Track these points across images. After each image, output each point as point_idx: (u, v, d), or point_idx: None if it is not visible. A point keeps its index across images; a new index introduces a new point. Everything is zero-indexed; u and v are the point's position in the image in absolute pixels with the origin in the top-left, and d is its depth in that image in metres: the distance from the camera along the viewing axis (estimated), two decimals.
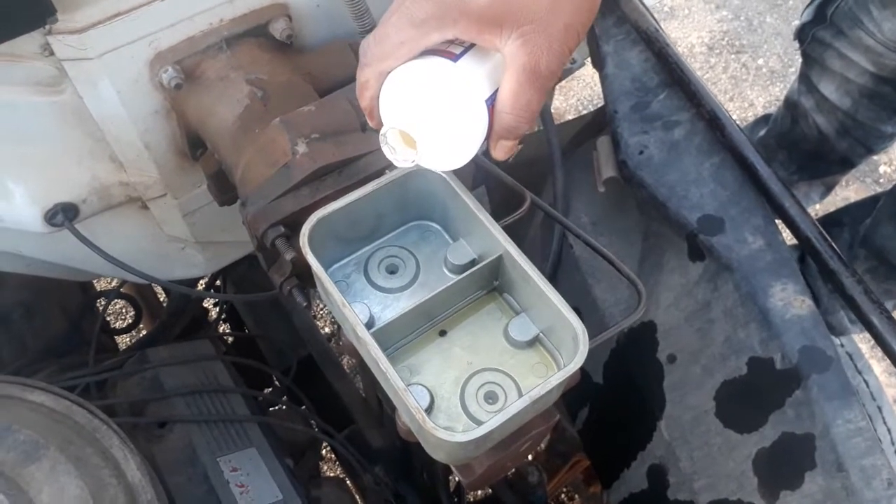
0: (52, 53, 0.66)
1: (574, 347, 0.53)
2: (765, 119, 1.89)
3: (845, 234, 1.58)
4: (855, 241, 1.54)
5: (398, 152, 0.51)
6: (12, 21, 0.59)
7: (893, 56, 1.37)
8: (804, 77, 1.59)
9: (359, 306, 0.58)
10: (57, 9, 0.60)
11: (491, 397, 0.57)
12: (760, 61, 2.65)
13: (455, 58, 0.49)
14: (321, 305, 2.02)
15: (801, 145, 1.66)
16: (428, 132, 0.49)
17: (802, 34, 1.54)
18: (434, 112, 0.49)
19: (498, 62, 0.50)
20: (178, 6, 0.69)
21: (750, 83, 2.60)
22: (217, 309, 1.61)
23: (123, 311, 2.01)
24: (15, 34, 0.60)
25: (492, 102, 0.50)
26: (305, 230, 0.56)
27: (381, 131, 0.50)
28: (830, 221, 1.67)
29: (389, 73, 0.50)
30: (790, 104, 1.66)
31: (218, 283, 1.40)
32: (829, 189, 1.87)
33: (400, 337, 0.59)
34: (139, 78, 0.72)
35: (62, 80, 0.69)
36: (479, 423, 0.54)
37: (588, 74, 2.55)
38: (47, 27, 0.62)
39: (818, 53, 1.50)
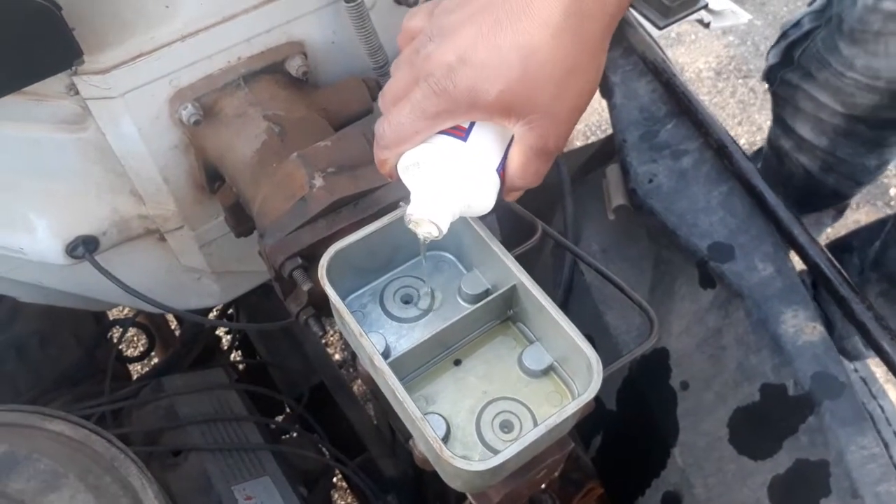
0: (77, 93, 0.69)
1: (588, 376, 0.53)
2: (757, 154, 1.89)
3: (855, 259, 1.58)
4: (865, 265, 1.53)
5: (422, 228, 0.54)
6: (42, 64, 0.61)
7: (865, 95, 1.36)
8: (779, 119, 1.58)
9: (375, 336, 0.59)
10: (84, 51, 0.62)
11: (506, 426, 0.57)
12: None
13: (465, 136, 0.51)
14: (332, 333, 2.03)
15: (792, 182, 1.65)
16: (448, 212, 0.53)
17: (771, 76, 1.54)
18: (451, 191, 0.52)
19: (505, 129, 0.52)
20: (197, 46, 0.71)
21: (758, 107, 2.62)
22: (229, 337, 1.62)
23: (135, 339, 2.03)
24: (43, 76, 0.62)
25: (503, 166, 0.53)
26: (324, 262, 0.57)
27: (405, 218, 0.54)
28: (840, 247, 1.67)
29: (405, 152, 0.53)
30: (773, 145, 1.66)
31: (230, 312, 1.41)
32: (840, 212, 1.86)
33: (415, 366, 0.60)
34: (160, 115, 0.74)
35: (86, 118, 0.72)
36: (494, 451, 0.54)
37: (595, 100, 2.56)
38: (73, 68, 0.65)
39: (789, 95, 1.49)
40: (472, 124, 0.52)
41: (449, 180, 0.52)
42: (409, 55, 0.51)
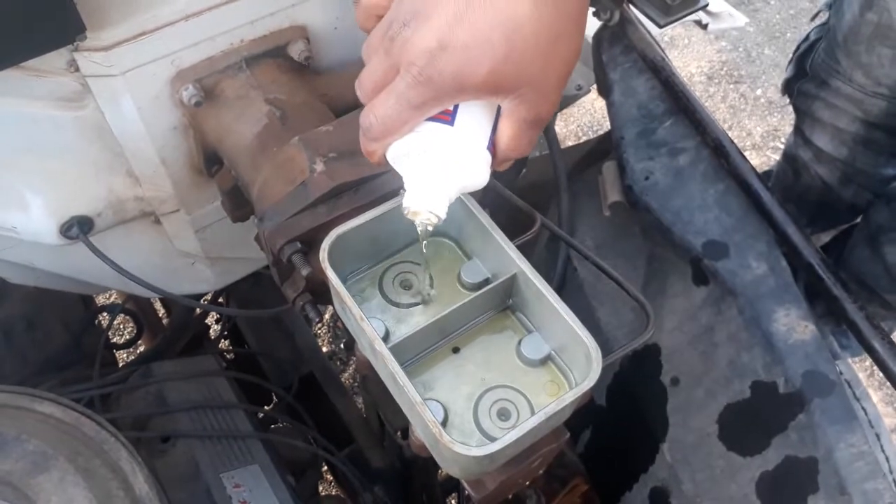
0: (77, 70, 0.68)
1: (587, 366, 0.54)
2: (765, 176, 1.89)
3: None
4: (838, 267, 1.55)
5: (421, 217, 0.53)
6: (43, 38, 0.60)
7: (873, 101, 1.38)
8: (798, 130, 1.59)
9: (374, 321, 0.59)
10: (86, 27, 0.62)
11: (504, 414, 0.57)
12: (759, 91, 2.70)
13: (451, 119, 0.50)
14: (320, 326, 2.02)
15: (808, 196, 1.65)
16: (445, 198, 0.52)
17: (789, 89, 1.55)
18: (445, 178, 0.52)
19: (492, 103, 0.51)
20: (200, 26, 0.71)
21: (748, 113, 2.64)
22: (218, 327, 1.61)
23: (121, 326, 2.01)
24: (45, 50, 0.62)
25: (493, 141, 0.52)
26: (325, 246, 0.57)
27: (403, 209, 0.53)
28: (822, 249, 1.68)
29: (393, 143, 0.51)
30: (789, 157, 1.66)
31: (220, 300, 1.41)
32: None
33: (414, 353, 0.60)
34: (160, 95, 0.73)
35: (85, 96, 0.71)
36: (491, 439, 0.55)
37: (588, 101, 2.58)
38: (75, 44, 0.64)
39: (807, 106, 1.51)
40: (456, 106, 0.50)
41: (441, 167, 0.52)
42: (382, 40, 0.49)
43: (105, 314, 1.28)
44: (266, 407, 1.31)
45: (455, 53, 0.45)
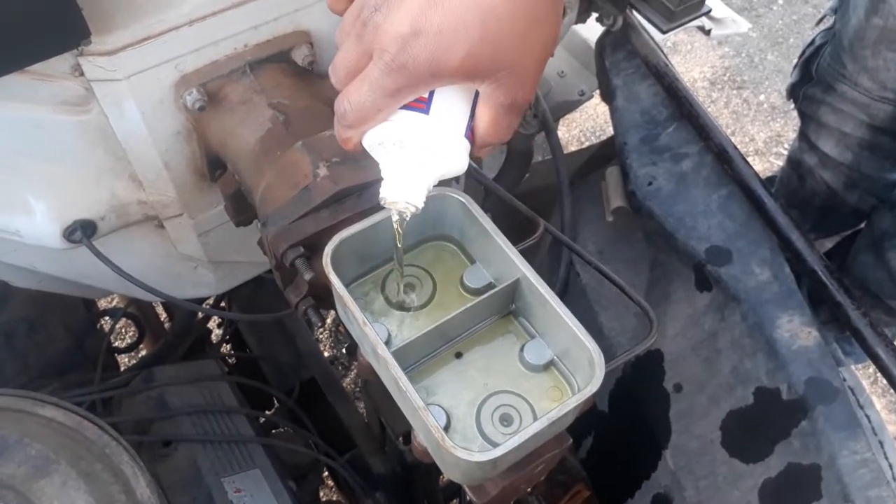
0: (81, 74, 0.68)
1: (590, 371, 0.54)
2: (769, 181, 1.90)
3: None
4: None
5: (398, 206, 0.53)
6: (48, 42, 0.60)
7: (880, 106, 1.38)
8: (803, 135, 1.59)
9: (377, 326, 0.59)
10: (91, 31, 0.62)
11: (506, 420, 0.57)
12: (762, 97, 2.70)
13: (426, 107, 0.49)
14: (322, 330, 2.02)
15: (813, 202, 1.65)
16: (422, 188, 0.51)
17: (794, 94, 1.56)
18: (421, 167, 0.51)
19: (469, 87, 0.50)
20: (204, 31, 0.71)
21: (751, 118, 2.64)
22: (220, 331, 1.61)
23: (123, 330, 2.01)
24: (49, 55, 0.62)
25: (470, 127, 0.51)
26: (328, 251, 0.57)
27: (380, 199, 0.53)
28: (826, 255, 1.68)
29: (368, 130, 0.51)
30: (794, 163, 1.66)
31: (223, 304, 1.41)
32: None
33: (417, 357, 0.60)
34: (164, 99, 0.73)
35: (89, 100, 0.71)
36: (494, 444, 0.54)
37: (591, 106, 2.59)
38: (80, 49, 0.64)
39: (812, 111, 1.51)
40: (432, 92, 0.49)
41: (417, 157, 0.51)
42: (355, 25, 0.47)
43: (107, 318, 1.28)
44: (267, 411, 1.31)
45: (428, 38, 0.44)
